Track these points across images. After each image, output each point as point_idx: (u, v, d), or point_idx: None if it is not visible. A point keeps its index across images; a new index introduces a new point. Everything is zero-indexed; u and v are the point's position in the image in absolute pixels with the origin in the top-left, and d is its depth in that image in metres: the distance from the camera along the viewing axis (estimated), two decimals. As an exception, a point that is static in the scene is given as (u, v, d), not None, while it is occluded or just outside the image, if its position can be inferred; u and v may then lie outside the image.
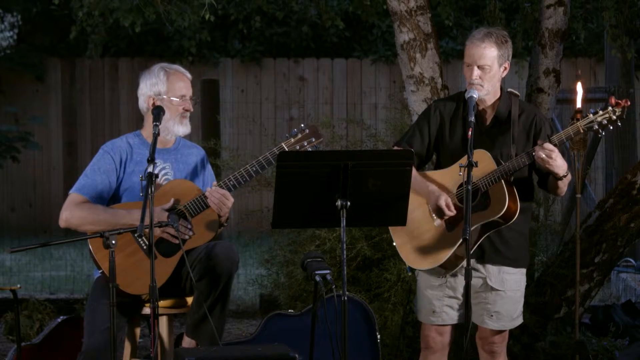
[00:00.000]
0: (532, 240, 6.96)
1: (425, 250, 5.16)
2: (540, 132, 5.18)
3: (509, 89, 5.29)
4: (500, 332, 5.26)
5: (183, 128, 5.36)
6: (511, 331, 6.60)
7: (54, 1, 8.69)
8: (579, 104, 6.05)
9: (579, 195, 6.73)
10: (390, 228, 5.29)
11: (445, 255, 5.10)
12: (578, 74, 6.36)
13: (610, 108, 5.03)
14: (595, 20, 11.93)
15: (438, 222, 5.15)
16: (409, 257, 5.22)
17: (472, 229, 5.02)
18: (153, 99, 5.32)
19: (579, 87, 5.84)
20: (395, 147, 5.26)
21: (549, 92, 7.01)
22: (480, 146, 5.07)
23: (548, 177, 5.15)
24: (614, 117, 5.04)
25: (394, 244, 5.28)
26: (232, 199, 5.21)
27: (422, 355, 5.32)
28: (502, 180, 5.05)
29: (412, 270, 5.32)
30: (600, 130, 5.05)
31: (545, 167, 5.00)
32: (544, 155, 4.95)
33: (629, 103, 5.09)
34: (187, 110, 5.36)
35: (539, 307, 6.83)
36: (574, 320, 6.75)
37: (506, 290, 5.21)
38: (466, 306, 4.84)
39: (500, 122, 5.18)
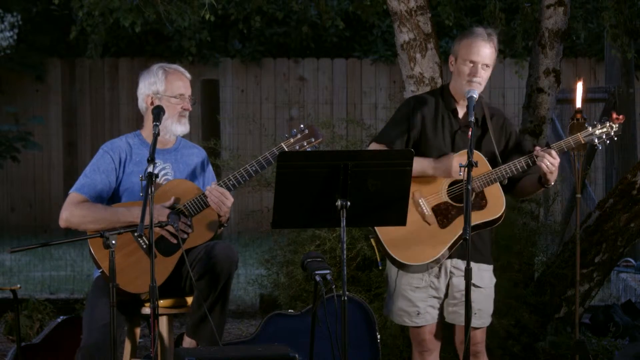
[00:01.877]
0: (532, 240, 6.97)
1: (417, 246, 5.12)
2: (512, 135, 5.27)
3: None
4: (480, 331, 5.24)
5: (181, 127, 5.36)
6: (511, 331, 6.62)
7: (54, 1, 8.69)
8: (578, 104, 6.06)
9: (579, 195, 6.72)
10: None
11: (439, 251, 5.09)
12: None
13: (608, 123, 5.18)
14: (595, 20, 11.93)
15: (431, 218, 5.13)
16: (399, 252, 5.13)
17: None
18: (151, 98, 5.32)
19: (579, 87, 5.85)
20: (374, 143, 5.21)
21: (549, 92, 7.01)
22: (463, 146, 5.10)
23: (519, 181, 5.20)
24: (612, 133, 5.22)
25: (376, 237, 5.15)
26: (231, 198, 5.21)
27: (420, 358, 5.28)
28: (498, 183, 5.08)
29: (383, 266, 5.27)
30: (598, 144, 5.22)
31: (545, 174, 5.05)
32: (548, 163, 5.01)
33: (623, 119, 5.29)
34: (185, 110, 5.36)
35: (539, 307, 6.83)
36: (574, 320, 6.75)
37: (485, 287, 5.22)
38: (466, 306, 4.83)
39: (477, 123, 5.19)
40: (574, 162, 6.65)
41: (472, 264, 5.11)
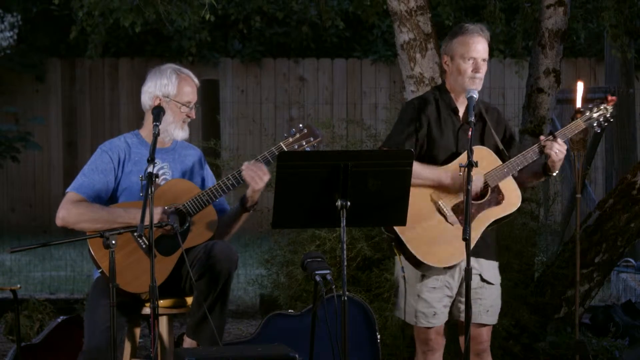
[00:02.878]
0: (532, 241, 6.97)
1: (444, 248, 5.07)
2: (506, 127, 5.30)
3: None
4: (487, 329, 5.23)
5: (183, 133, 5.37)
6: (511, 331, 6.62)
7: (54, 1, 8.70)
8: (579, 104, 6.06)
9: (579, 195, 6.73)
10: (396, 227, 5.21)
11: (465, 252, 5.07)
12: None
13: (603, 106, 5.19)
14: (595, 20, 11.93)
15: (452, 218, 5.11)
16: (427, 255, 5.07)
17: (486, 225, 5.08)
18: (160, 100, 5.31)
19: (579, 87, 5.85)
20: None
21: (549, 92, 7.01)
22: (464, 144, 5.07)
23: (522, 172, 5.18)
24: (607, 115, 5.22)
25: (398, 240, 5.09)
26: (268, 175, 5.17)
27: (423, 357, 5.28)
28: (511, 176, 5.09)
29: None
30: (596, 128, 5.23)
31: (552, 162, 5.07)
32: (556, 151, 5.05)
33: (615, 99, 5.27)
34: (189, 117, 5.37)
35: (539, 307, 6.83)
36: (574, 320, 6.75)
37: (496, 283, 5.23)
38: (466, 306, 4.83)
39: (475, 119, 5.19)
40: (574, 162, 6.65)
41: (484, 261, 5.16)
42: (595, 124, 5.21)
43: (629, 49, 9.16)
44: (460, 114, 5.21)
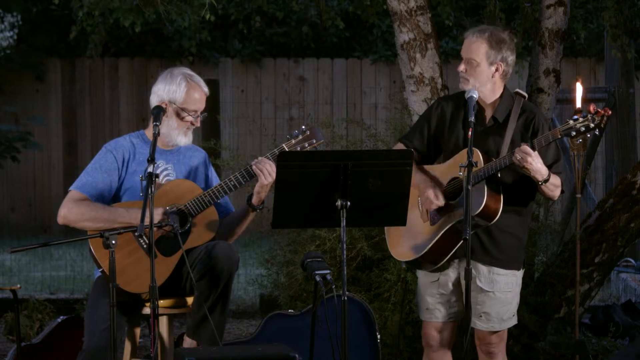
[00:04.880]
0: (532, 240, 6.97)
1: (408, 242, 5.18)
2: (538, 133, 5.10)
3: (517, 90, 5.24)
4: (496, 332, 5.22)
5: (185, 139, 5.37)
6: (511, 331, 6.61)
7: (54, 1, 8.69)
8: (578, 104, 6.05)
9: (579, 195, 6.73)
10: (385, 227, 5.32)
11: (422, 250, 5.10)
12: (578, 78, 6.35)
13: (589, 116, 4.91)
14: (595, 20, 11.93)
15: (425, 216, 5.16)
16: (393, 249, 5.27)
17: (449, 226, 5.05)
18: (166, 104, 5.31)
19: (579, 87, 5.85)
20: (399, 143, 5.29)
21: (549, 92, 7.00)
22: (476, 145, 5.02)
23: None
24: (592, 125, 4.91)
25: (385, 234, 5.32)
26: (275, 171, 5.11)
27: (425, 354, 5.33)
28: (484, 180, 4.99)
29: (410, 267, 5.33)
30: (578, 137, 4.95)
31: (522, 170, 4.95)
32: (519, 157, 4.89)
33: (609, 112, 4.96)
34: (193, 125, 5.37)
35: (539, 307, 6.83)
36: (574, 320, 6.76)
37: (495, 291, 5.16)
38: (466, 306, 4.84)
39: (498, 122, 5.16)
40: (574, 162, 6.65)
41: (481, 267, 5.13)
42: (574, 133, 4.92)
43: (629, 49, 9.14)
44: (485, 115, 5.17)
